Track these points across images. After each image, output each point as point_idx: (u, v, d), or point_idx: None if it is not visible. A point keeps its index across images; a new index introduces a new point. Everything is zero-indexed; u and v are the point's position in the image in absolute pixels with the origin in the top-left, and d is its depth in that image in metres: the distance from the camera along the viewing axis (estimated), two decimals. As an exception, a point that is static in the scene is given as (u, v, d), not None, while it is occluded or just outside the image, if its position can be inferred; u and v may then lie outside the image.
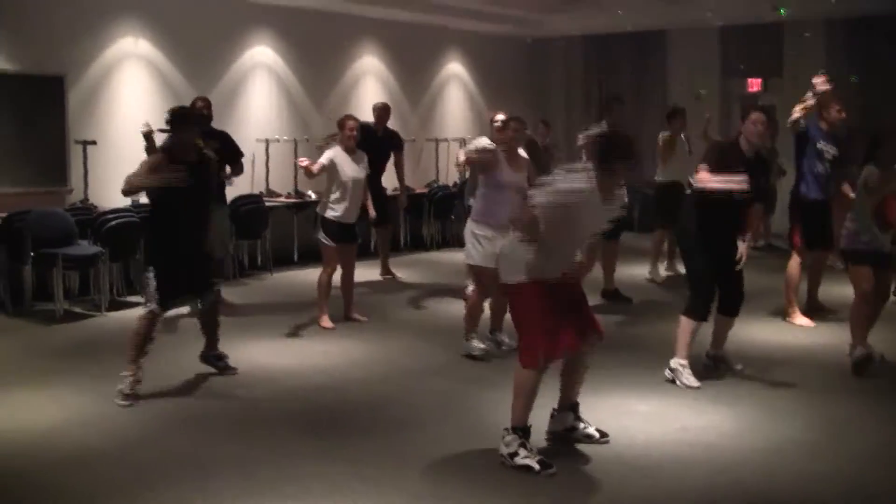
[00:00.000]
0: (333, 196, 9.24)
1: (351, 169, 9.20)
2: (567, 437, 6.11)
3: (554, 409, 6.19)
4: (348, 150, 9.26)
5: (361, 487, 5.43)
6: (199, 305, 7.72)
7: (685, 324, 7.44)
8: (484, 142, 8.35)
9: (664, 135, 11.95)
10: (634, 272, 12.22)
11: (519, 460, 5.61)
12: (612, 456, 5.94)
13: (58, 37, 11.52)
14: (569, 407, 6.16)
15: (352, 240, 9.50)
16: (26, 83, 11.21)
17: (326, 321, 9.36)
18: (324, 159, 9.15)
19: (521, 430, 5.67)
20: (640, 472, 5.68)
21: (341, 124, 9.38)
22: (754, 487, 5.49)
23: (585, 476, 5.63)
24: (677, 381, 7.34)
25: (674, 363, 7.42)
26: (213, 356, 7.83)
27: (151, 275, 7.15)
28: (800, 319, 9.51)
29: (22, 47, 11.20)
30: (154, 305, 7.14)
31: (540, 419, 5.99)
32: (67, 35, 11.63)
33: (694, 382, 7.29)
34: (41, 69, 11.37)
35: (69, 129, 11.45)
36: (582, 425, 6.15)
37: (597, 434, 6.12)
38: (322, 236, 9.29)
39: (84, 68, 11.81)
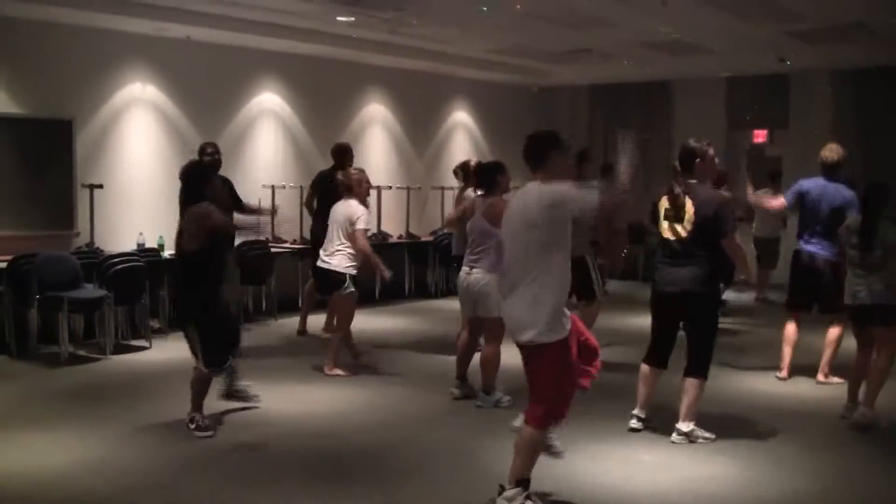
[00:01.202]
0: (352, 251, 9.19)
1: None
2: None
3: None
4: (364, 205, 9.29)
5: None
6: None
7: (699, 386, 7.12)
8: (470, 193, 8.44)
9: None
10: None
11: None
12: (617, 505, 5.90)
13: (67, 81, 11.59)
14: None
15: None
16: (35, 127, 11.26)
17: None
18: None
19: (525, 483, 5.55)
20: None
21: (360, 180, 9.33)
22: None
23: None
24: (698, 439, 7.11)
25: (687, 427, 7.14)
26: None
27: (197, 335, 7.21)
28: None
29: (31, 91, 11.26)
30: (211, 369, 7.36)
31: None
32: (76, 80, 11.70)
33: (711, 434, 7.18)
34: (50, 113, 11.42)
35: (76, 173, 11.48)
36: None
37: None
38: (352, 289, 9.23)
39: (92, 112, 11.86)
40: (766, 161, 17.12)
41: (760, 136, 17.73)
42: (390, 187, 15.29)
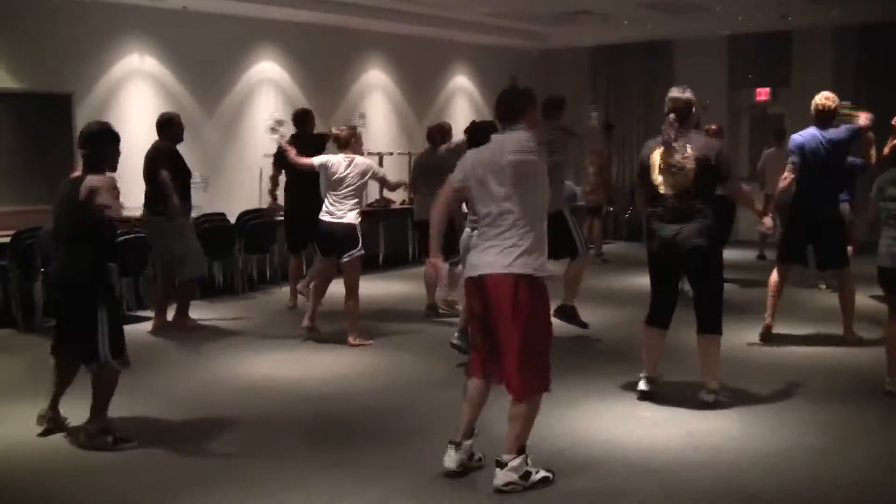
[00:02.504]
0: (357, 203, 9.24)
1: None
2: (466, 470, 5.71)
3: (455, 440, 5.68)
4: None
5: (368, 495, 5.43)
6: None
7: (716, 342, 6.98)
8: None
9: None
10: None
11: (535, 478, 5.45)
12: (619, 459, 5.93)
13: (65, 55, 11.59)
14: (472, 433, 5.72)
15: None
16: (34, 101, 11.28)
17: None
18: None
19: (524, 450, 5.48)
20: (646, 474, 5.66)
21: (358, 135, 9.39)
22: (760, 491, 5.45)
23: (590, 480, 5.60)
24: (723, 400, 6.96)
25: (716, 384, 6.98)
26: None
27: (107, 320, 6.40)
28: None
29: (30, 65, 11.26)
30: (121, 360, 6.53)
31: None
32: (75, 53, 11.69)
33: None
34: (49, 87, 11.43)
35: (77, 147, 11.44)
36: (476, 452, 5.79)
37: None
38: (363, 250, 9.22)
39: (91, 86, 11.87)
40: (769, 119, 17.10)
41: (763, 94, 17.69)
42: (392, 153, 15.28)
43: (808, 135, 8.68)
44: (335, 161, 9.14)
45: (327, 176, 9.24)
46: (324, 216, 9.16)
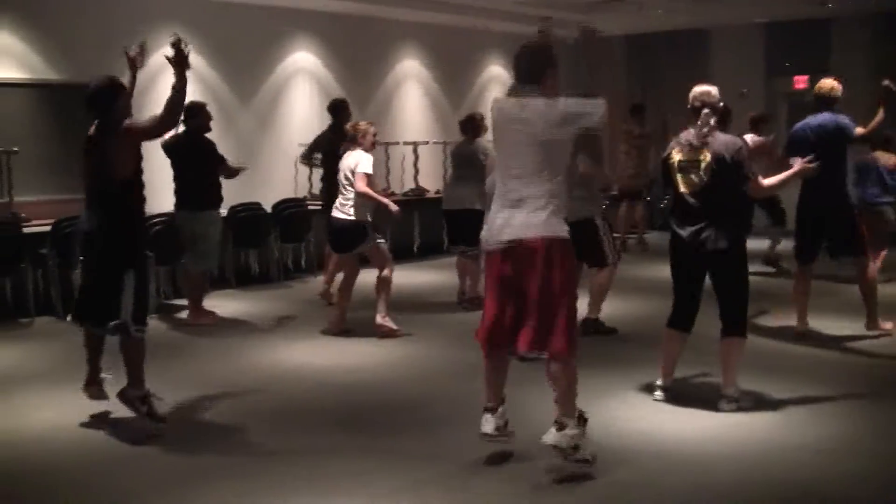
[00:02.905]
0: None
1: None
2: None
3: (489, 406, 5.76)
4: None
5: (398, 483, 5.47)
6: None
7: (739, 347, 6.77)
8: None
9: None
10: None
11: (581, 453, 5.42)
12: (654, 451, 5.94)
13: (102, 45, 11.65)
14: (503, 399, 5.81)
15: None
16: (72, 92, 11.33)
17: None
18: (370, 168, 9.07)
19: (583, 420, 5.45)
20: (681, 467, 5.67)
21: (366, 131, 9.24)
22: (787, 483, 5.45)
23: (623, 472, 5.61)
24: (745, 406, 6.75)
25: (735, 392, 6.75)
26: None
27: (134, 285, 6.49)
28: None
29: (68, 57, 11.38)
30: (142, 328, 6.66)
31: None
32: (113, 44, 11.73)
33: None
34: (86, 78, 11.39)
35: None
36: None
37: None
38: (376, 236, 9.15)
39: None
40: (806, 107, 16.93)
41: (801, 82, 17.54)
42: (426, 142, 15.30)
43: (810, 124, 8.53)
44: (344, 158, 9.18)
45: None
46: (333, 212, 9.18)
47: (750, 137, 10.63)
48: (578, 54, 17.80)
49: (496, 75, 17.51)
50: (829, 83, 8.61)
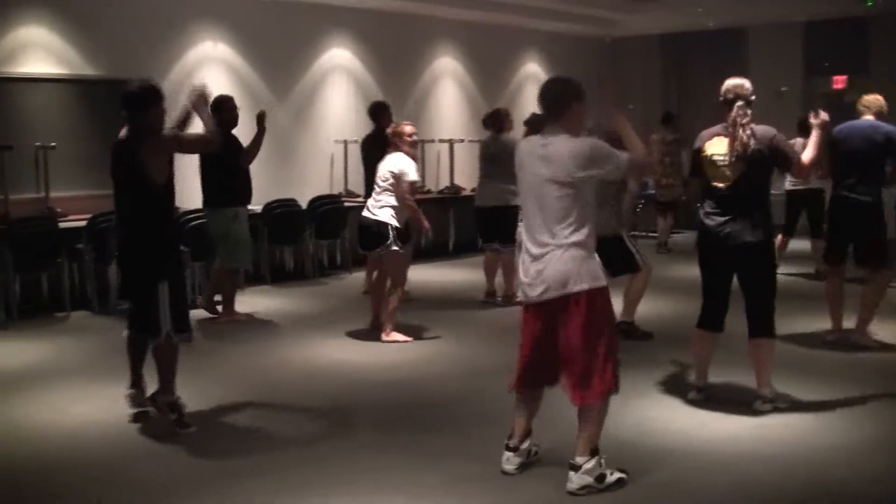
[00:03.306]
0: (394, 205, 8.84)
1: None
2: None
3: (512, 445, 5.58)
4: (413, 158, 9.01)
5: (435, 480, 5.45)
6: None
7: (769, 347, 6.65)
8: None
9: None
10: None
11: (611, 479, 5.29)
12: (690, 452, 5.88)
13: (140, 42, 11.74)
14: (529, 434, 5.65)
15: None
16: (110, 87, 11.38)
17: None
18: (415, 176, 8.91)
19: (597, 451, 5.33)
20: (717, 468, 5.61)
21: (403, 133, 9.01)
22: (831, 485, 5.38)
23: (660, 473, 5.56)
24: (779, 403, 6.68)
25: (770, 392, 6.66)
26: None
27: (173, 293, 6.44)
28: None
29: (105, 52, 11.42)
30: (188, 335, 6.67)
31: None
32: (148, 40, 11.83)
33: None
34: (124, 73, 11.49)
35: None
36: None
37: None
38: (399, 244, 8.85)
39: (166, 72, 11.98)
40: (844, 108, 16.78)
41: (839, 82, 17.37)
42: (462, 140, 15.27)
43: (851, 127, 8.42)
44: (385, 159, 8.98)
45: None
46: (364, 211, 9.02)
47: (800, 141, 10.44)
48: (613, 54, 17.81)
49: (532, 73, 17.46)
50: (877, 99, 8.60)
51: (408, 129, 9.01)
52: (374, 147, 9.95)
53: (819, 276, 11.98)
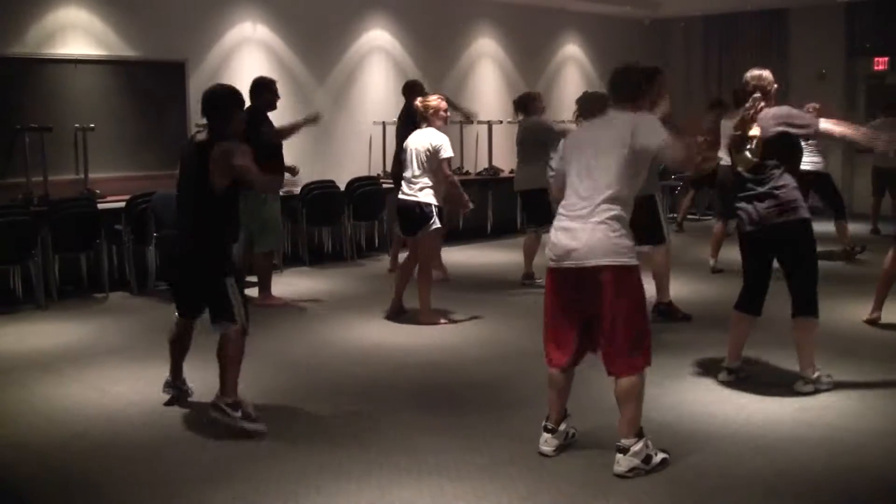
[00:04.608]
0: (434, 183, 8.73)
1: None
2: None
3: (549, 426, 5.56)
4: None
5: (477, 461, 5.43)
6: None
7: (811, 328, 6.57)
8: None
9: None
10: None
11: (656, 460, 5.27)
12: (728, 435, 5.84)
13: (179, 23, 11.75)
14: (565, 415, 5.62)
15: None
16: (149, 69, 11.48)
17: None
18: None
19: (643, 433, 5.29)
20: (756, 452, 5.56)
21: (437, 107, 8.83)
22: (878, 471, 5.33)
23: (699, 456, 5.52)
24: (824, 385, 6.61)
25: (813, 373, 6.57)
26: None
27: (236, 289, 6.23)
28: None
29: (144, 34, 11.44)
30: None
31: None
32: (188, 21, 11.85)
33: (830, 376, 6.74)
34: (163, 55, 11.60)
35: (190, 114, 11.61)
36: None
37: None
38: (438, 224, 8.73)
39: (204, 54, 12.01)
40: (886, 90, 16.59)
41: (881, 63, 17.16)
42: (501, 122, 15.21)
43: None
44: (414, 136, 8.82)
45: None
46: (400, 194, 8.85)
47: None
48: (652, 36, 17.68)
49: (571, 55, 17.37)
50: None
51: (442, 104, 8.85)
52: (404, 125, 9.89)
53: (845, 256, 11.95)
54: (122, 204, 10.32)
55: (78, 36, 11.03)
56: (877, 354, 7.61)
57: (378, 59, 14.14)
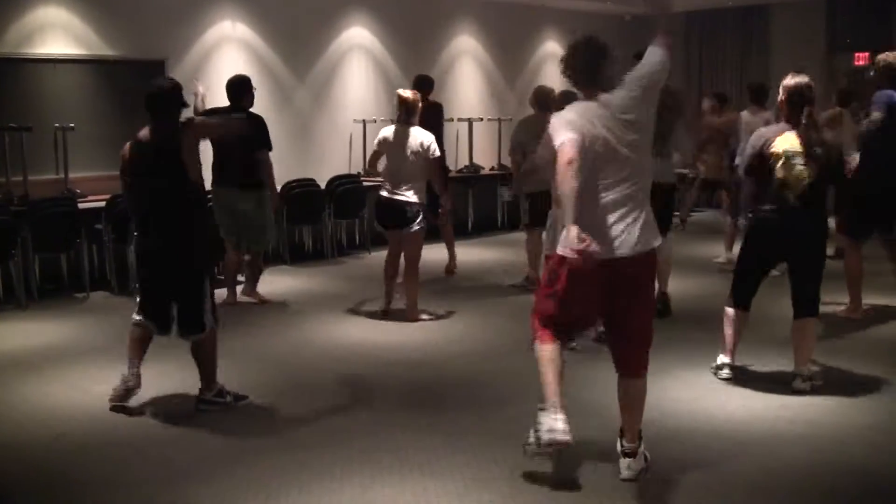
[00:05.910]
0: (420, 183, 8.73)
1: None
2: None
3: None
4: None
5: (459, 459, 5.44)
6: None
7: (813, 326, 6.67)
8: None
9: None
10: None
11: (648, 456, 5.20)
12: (710, 431, 5.86)
13: (158, 22, 11.73)
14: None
15: None
16: (129, 67, 11.43)
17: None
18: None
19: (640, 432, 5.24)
20: (738, 448, 5.59)
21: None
22: (858, 465, 5.36)
23: (683, 452, 5.55)
24: (818, 383, 6.61)
25: (808, 370, 6.62)
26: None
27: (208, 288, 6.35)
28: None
29: (124, 33, 11.42)
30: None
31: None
32: (167, 20, 11.82)
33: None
34: (143, 54, 11.57)
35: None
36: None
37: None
38: (424, 224, 8.75)
39: (184, 53, 11.99)
40: (867, 85, 16.65)
41: (862, 59, 17.22)
42: (481, 119, 15.21)
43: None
44: (389, 133, 8.74)
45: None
46: (384, 192, 8.72)
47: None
48: (633, 32, 17.69)
49: (552, 52, 17.34)
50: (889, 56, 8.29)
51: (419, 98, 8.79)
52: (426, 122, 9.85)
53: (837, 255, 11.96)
54: (103, 203, 10.28)
55: (57, 35, 10.99)
56: (855, 349, 7.66)
57: (358, 56, 14.13)
